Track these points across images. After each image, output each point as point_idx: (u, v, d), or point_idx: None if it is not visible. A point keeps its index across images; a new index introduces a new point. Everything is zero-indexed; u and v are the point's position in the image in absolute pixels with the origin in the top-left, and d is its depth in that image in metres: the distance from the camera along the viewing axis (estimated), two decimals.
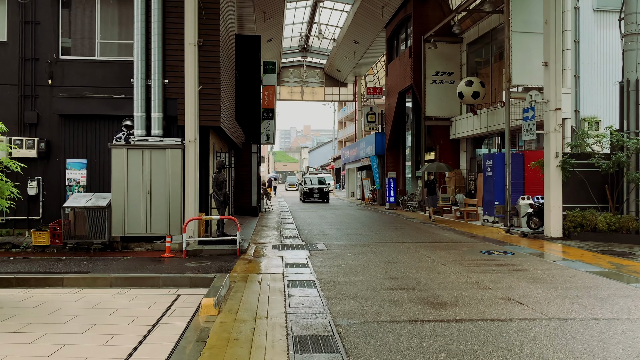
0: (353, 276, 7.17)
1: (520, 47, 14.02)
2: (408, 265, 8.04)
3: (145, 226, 10.02)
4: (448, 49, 20.38)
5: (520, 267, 7.97)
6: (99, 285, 6.33)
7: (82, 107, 10.55)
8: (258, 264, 8.26)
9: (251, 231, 12.72)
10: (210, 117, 10.43)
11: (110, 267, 8.07)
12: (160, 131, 10.33)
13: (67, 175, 10.67)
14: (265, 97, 21.79)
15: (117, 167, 9.98)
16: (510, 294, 6.07)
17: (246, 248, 9.63)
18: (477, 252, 9.57)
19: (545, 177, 11.86)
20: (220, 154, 13.06)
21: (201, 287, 6.31)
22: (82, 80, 10.60)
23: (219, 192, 10.10)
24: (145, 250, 10.05)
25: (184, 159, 10.10)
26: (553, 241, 11.24)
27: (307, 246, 10.32)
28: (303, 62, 37.72)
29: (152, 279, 6.34)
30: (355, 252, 9.46)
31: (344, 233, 12.72)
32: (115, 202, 9.95)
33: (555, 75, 11.62)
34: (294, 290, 6.27)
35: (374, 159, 25.93)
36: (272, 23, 25.69)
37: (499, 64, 18.18)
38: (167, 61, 10.42)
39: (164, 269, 7.78)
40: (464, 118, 19.46)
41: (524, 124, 12.37)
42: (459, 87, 17.38)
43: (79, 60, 10.69)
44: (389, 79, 25.36)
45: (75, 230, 10.17)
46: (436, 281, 6.84)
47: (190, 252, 9.29)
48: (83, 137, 10.75)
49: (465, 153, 20.22)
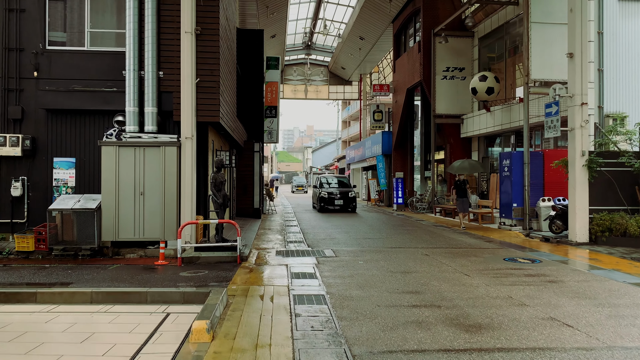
0: (368, 289, 6.33)
1: (539, 39, 13.16)
2: (428, 276, 7.19)
3: (138, 230, 9.21)
4: (459, 43, 19.52)
5: (553, 277, 7.12)
6: (78, 301, 5.52)
7: (71, 102, 9.75)
8: (260, 274, 7.43)
9: (253, 235, 11.90)
10: (209, 112, 9.62)
11: (97, 277, 7.26)
12: (155, 127, 9.52)
13: (54, 175, 9.87)
14: (268, 94, 20.97)
15: (107, 166, 9.18)
16: (553, 313, 5.22)
17: (247, 255, 8.81)
18: (500, 260, 8.72)
19: (570, 178, 10.99)
20: (220, 153, 12.25)
21: (195, 303, 5.49)
22: (71, 73, 9.79)
23: (218, 194, 9.29)
24: (137, 256, 9.24)
25: (180, 157, 9.29)
26: (579, 247, 10.38)
27: (313, 252, 9.49)
28: (307, 60, 36.91)
29: (138, 294, 5.53)
30: (366, 260, 8.62)
31: (353, 237, 11.88)
32: (106, 205, 9.15)
33: (581, 67, 10.75)
34: (302, 307, 5.44)
35: (381, 159, 25.08)
36: (275, 18, 24.88)
37: (513, 59, 17.32)
38: (162, 51, 9.61)
39: (155, 281, 6.97)
40: (476, 115, 18.59)
41: (547, 120, 11.50)
42: (472, 82, 16.52)
43: (67, 50, 9.89)
44: (397, 76, 24.50)
45: (63, 235, 9.38)
46: (463, 296, 6.00)
47: (186, 259, 8.47)
48: (71, 133, 9.95)
49: (477, 152, 19.34)
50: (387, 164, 24.77)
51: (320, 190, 21.02)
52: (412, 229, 13.90)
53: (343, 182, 22.56)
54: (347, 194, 20.64)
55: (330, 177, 23.33)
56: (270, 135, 20.98)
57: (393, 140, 24.26)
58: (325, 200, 20.42)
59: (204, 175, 10.29)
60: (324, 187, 21.41)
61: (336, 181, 22.44)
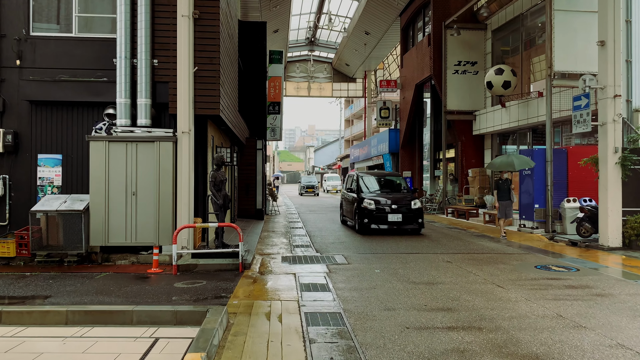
0: (391, 305, 5.46)
1: (563, 28, 12.28)
2: (457, 288, 6.31)
3: (130, 234, 8.34)
4: (471, 36, 18.65)
5: (600, 290, 6.23)
6: (50, 321, 4.67)
7: (57, 93, 8.89)
8: (265, 285, 6.56)
9: (256, 238, 11.02)
10: (208, 104, 8.75)
11: (80, 288, 6.40)
12: (148, 121, 8.65)
13: (39, 174, 9.00)
14: (271, 90, 20.10)
15: (96, 163, 8.31)
16: (619, 339, 4.34)
17: (250, 262, 7.93)
18: (531, 267, 7.83)
19: (601, 176, 10.10)
20: (221, 149, 11.37)
21: (189, 324, 4.63)
22: (57, 61, 8.92)
23: (218, 194, 8.42)
24: (129, 263, 8.38)
25: (176, 154, 8.42)
26: (612, 252, 9.49)
27: (323, 258, 8.61)
28: (310, 56, 36.04)
29: (122, 313, 4.67)
30: (383, 268, 7.74)
31: (363, 241, 10.99)
32: (94, 206, 8.29)
33: (613, 55, 9.86)
34: (316, 330, 4.57)
35: (388, 157, 24.21)
36: (278, 12, 24.02)
37: (528, 52, 16.44)
38: (157, 37, 8.75)
39: (146, 293, 6.10)
40: (489, 112, 17.71)
41: (575, 115, 10.61)
42: (488, 76, 15.64)
43: (53, 37, 9.02)
44: (404, 71, 23.61)
45: (48, 239, 8.52)
46: (504, 314, 5.12)
47: (182, 267, 7.61)
48: (58, 128, 9.08)
49: (490, 150, 18.46)
50: (394, 162, 23.90)
51: (362, 198, 12.39)
52: (426, 231, 13.00)
53: (395, 184, 13.81)
54: (406, 203, 12.25)
55: (373, 175, 14.39)
56: (273, 132, 20.12)
57: (400, 138, 23.38)
58: (371, 215, 11.98)
59: (203, 174, 9.43)
60: (366, 192, 12.89)
61: (383, 182, 13.83)
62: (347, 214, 14.09)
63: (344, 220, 14.64)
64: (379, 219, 11.96)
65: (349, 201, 13.68)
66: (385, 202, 12.16)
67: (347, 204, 13.97)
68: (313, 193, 38.55)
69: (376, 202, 12.14)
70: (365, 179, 13.69)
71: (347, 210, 14.07)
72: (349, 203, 13.75)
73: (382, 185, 13.66)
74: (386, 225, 11.94)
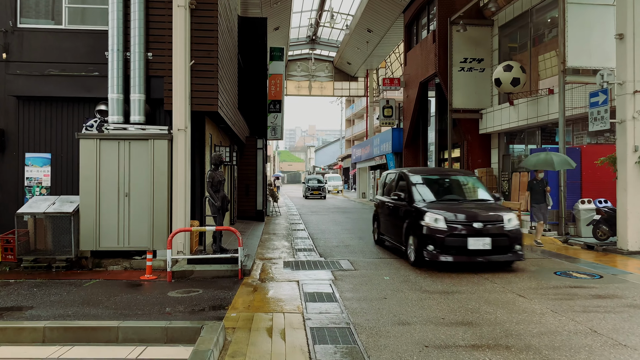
0: (405, 318, 4.95)
1: (577, 22, 11.76)
2: (475, 298, 5.81)
3: (123, 238, 7.84)
4: (477, 32, 18.10)
5: (631, 300, 5.72)
6: (26, 339, 4.16)
7: (46, 88, 8.39)
8: (266, 295, 6.05)
9: (257, 241, 10.52)
10: (206, 99, 8.25)
11: (66, 298, 5.90)
12: (142, 117, 8.16)
13: (27, 174, 8.50)
14: (272, 88, 19.60)
15: (86, 162, 7.81)
16: None
17: (250, 268, 7.43)
18: (550, 274, 7.33)
19: (620, 177, 9.59)
20: (220, 148, 10.87)
21: (181, 343, 4.13)
22: (46, 55, 8.43)
23: (216, 195, 7.92)
24: (122, 269, 7.88)
25: (172, 152, 7.92)
26: (632, 256, 8.98)
27: (327, 264, 8.11)
28: (311, 55, 35.52)
29: (106, 329, 4.17)
30: (393, 274, 7.24)
31: (369, 244, 10.49)
32: (85, 208, 7.79)
33: (633, 49, 9.37)
34: (324, 349, 4.07)
35: (391, 157, 23.69)
36: (279, 9, 23.52)
37: (537, 49, 15.92)
38: (151, 29, 8.24)
39: (137, 304, 5.60)
40: (496, 110, 17.18)
41: (592, 112, 10.11)
42: (496, 72, 15.12)
43: (41, 29, 8.52)
44: (408, 69, 23.10)
45: (36, 243, 8.05)
46: (531, 329, 4.61)
47: (177, 273, 7.10)
48: (47, 125, 8.59)
49: (497, 150, 17.94)
50: (398, 162, 23.38)
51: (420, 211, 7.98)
52: None
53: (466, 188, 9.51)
54: (495, 219, 7.71)
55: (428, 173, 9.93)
56: (274, 131, 19.62)
57: (404, 138, 22.87)
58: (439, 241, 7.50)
59: (200, 174, 8.93)
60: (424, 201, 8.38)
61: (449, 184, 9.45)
62: (389, 232, 9.59)
63: (382, 239, 10.19)
64: (453, 247, 7.34)
65: (394, 213, 9.16)
66: (461, 218, 7.51)
67: (390, 218, 9.47)
68: (320, 195, 33.27)
69: (447, 219, 7.47)
70: (418, 179, 9.02)
71: (389, 226, 9.59)
72: (392, 216, 9.27)
73: (447, 189, 9.14)
74: (466, 256, 7.32)
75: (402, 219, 8.59)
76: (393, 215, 9.28)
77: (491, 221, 7.57)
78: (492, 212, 7.84)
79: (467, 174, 9.99)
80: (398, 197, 8.86)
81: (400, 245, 8.70)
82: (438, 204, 8.22)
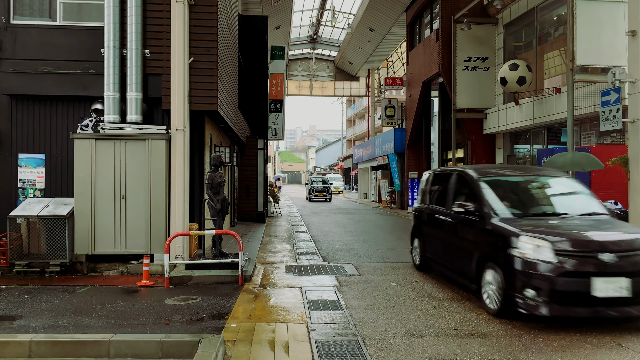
0: (416, 329, 4.67)
1: (586, 19, 11.47)
2: None
3: (119, 242, 7.56)
4: (481, 31, 17.82)
5: None
6: (10, 354, 3.88)
7: (40, 86, 8.11)
8: (268, 303, 5.77)
9: (258, 244, 10.24)
10: (205, 98, 7.96)
11: (58, 305, 5.62)
12: (139, 117, 7.87)
13: (20, 175, 8.22)
14: (273, 87, 19.32)
15: (81, 163, 7.54)
16: None
17: (251, 273, 7.14)
18: None
19: (632, 178, 9.29)
20: (220, 149, 10.58)
21: (177, 358, 3.85)
22: (40, 52, 8.15)
23: (216, 197, 7.63)
24: (118, 274, 7.60)
25: (170, 153, 7.64)
26: None
27: (331, 268, 7.82)
28: (312, 55, 35.25)
29: (97, 344, 3.88)
30: (400, 280, 6.95)
31: (373, 248, 10.21)
32: (79, 210, 7.51)
33: None
34: None
35: (393, 158, 23.40)
36: (280, 7, 23.25)
37: (543, 47, 15.64)
38: (149, 25, 7.96)
39: (132, 313, 5.32)
40: (501, 109, 16.89)
41: (603, 111, 9.81)
42: (502, 71, 14.83)
43: (35, 26, 8.24)
44: (411, 68, 22.82)
45: (29, 247, 7.78)
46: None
47: (175, 279, 6.83)
48: (41, 125, 8.31)
49: (502, 150, 17.65)
50: (400, 163, 23.10)
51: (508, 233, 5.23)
52: None
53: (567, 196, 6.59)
54: (629, 247, 4.97)
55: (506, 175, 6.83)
56: (275, 131, 19.34)
57: (407, 138, 22.58)
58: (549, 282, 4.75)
59: (200, 175, 8.64)
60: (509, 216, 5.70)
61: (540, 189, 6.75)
62: (443, 256, 6.84)
63: (428, 264, 7.42)
64: (567, 292, 4.78)
65: (454, 232, 6.55)
66: (578, 245, 4.92)
67: (446, 237, 6.77)
68: (324, 198, 30.37)
69: (556, 247, 4.88)
70: (494, 183, 6.31)
71: (443, 249, 6.88)
72: (451, 235, 6.62)
73: (537, 198, 6.61)
74: (588, 307, 4.76)
75: (470, 242, 5.94)
76: (452, 234, 6.53)
77: (626, 250, 4.86)
78: (619, 233, 5.23)
79: (558, 174, 7.00)
80: (464, 209, 6.05)
81: (464, 279, 5.96)
82: (531, 220, 5.52)
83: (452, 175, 7.15)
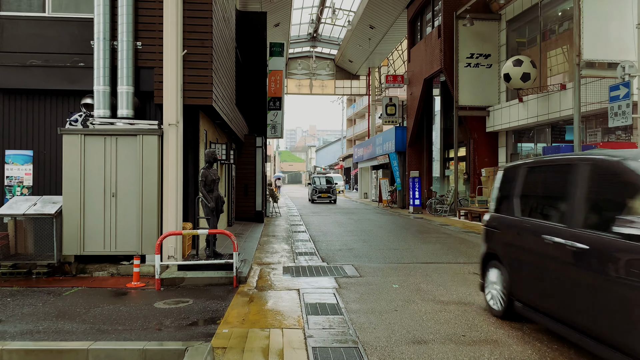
0: (421, 335, 4.35)
1: (593, 13, 11.14)
2: None
3: (109, 242, 7.25)
4: (484, 27, 17.51)
5: None
6: None
7: (28, 80, 7.80)
8: (263, 306, 5.45)
9: (255, 244, 9.92)
10: (199, 92, 7.65)
11: (40, 309, 5.30)
12: (131, 111, 7.56)
13: (7, 172, 7.91)
14: (271, 84, 19.01)
15: (70, 160, 7.22)
16: None
17: (247, 274, 6.83)
18: None
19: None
20: (215, 145, 10.27)
21: None
22: (28, 44, 7.84)
23: (209, 196, 7.32)
24: (108, 274, 7.28)
25: (162, 149, 7.33)
26: None
27: (330, 270, 7.51)
28: (312, 53, 34.95)
29: (74, 353, 3.57)
30: (401, 282, 6.64)
31: (374, 248, 9.89)
32: (68, 209, 7.19)
33: None
34: None
35: (394, 156, 23.08)
36: (279, 4, 22.92)
37: (547, 43, 15.32)
38: (140, 17, 7.65)
39: (119, 317, 5.00)
40: (504, 107, 16.58)
41: (612, 106, 9.51)
42: (505, 68, 14.52)
43: (23, 17, 7.93)
44: (412, 66, 22.50)
45: (16, 247, 7.49)
46: None
47: (167, 280, 6.51)
48: (29, 120, 8.00)
49: (505, 148, 17.34)
50: (401, 162, 22.77)
51: None
52: (439, 236, 11.90)
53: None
54: None
55: None
56: (274, 129, 19.02)
57: (408, 136, 22.26)
58: None
59: (194, 173, 8.33)
60: None
61: None
62: (559, 304, 3.97)
63: (522, 310, 4.55)
64: None
65: (581, 266, 3.71)
66: None
67: (575, 273, 3.79)
68: (329, 199, 27.39)
69: None
70: None
71: (568, 294, 3.85)
72: (587, 271, 3.65)
73: None
74: None
75: (625, 286, 3.25)
76: (589, 270, 3.61)
77: None
78: None
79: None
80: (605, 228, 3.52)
81: (604, 345, 3.41)
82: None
83: (577, 169, 4.02)
